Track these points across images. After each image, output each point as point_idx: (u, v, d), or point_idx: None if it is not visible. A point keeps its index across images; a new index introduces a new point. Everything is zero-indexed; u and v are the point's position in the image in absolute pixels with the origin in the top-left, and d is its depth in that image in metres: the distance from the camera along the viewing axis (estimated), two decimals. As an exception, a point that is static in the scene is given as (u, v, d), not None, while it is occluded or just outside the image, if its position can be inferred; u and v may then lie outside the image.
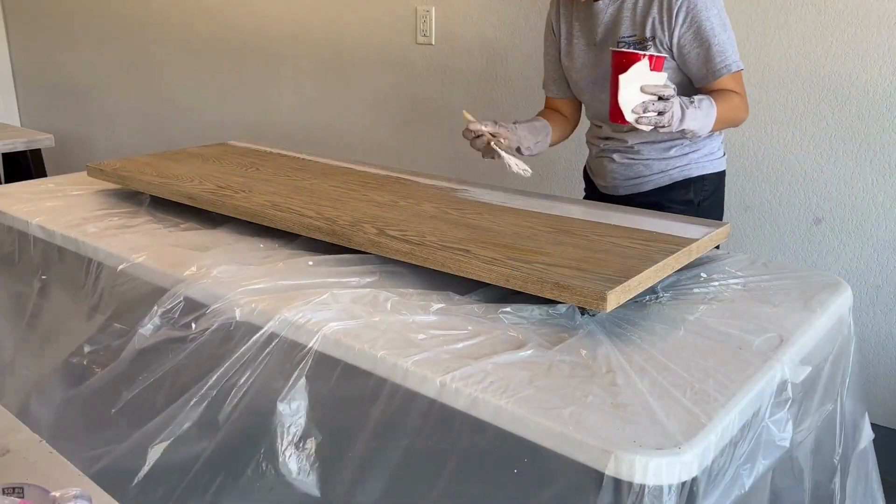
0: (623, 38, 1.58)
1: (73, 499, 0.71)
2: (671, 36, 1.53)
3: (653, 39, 1.55)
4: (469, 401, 0.94)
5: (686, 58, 1.55)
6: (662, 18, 1.53)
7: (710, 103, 1.47)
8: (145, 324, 1.28)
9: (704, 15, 1.51)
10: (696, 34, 1.52)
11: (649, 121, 1.40)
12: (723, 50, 1.53)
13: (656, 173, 1.69)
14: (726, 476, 0.93)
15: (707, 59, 1.53)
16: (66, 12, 4.11)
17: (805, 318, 1.18)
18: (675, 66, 1.57)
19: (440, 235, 1.32)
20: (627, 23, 1.58)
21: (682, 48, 1.54)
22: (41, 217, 1.65)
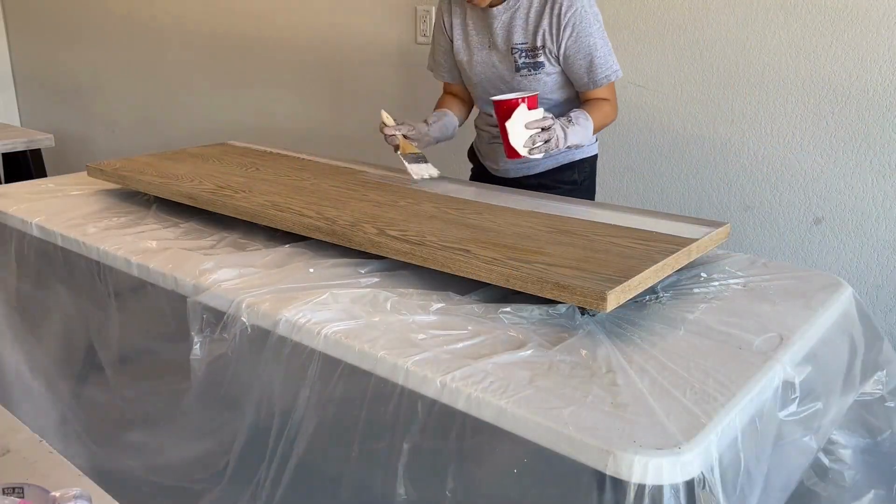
0: (516, 46, 1.72)
1: (73, 499, 0.71)
2: (559, 46, 1.68)
3: (542, 48, 1.69)
4: (469, 401, 0.94)
5: (571, 67, 1.71)
6: (552, 31, 1.67)
7: (585, 117, 1.65)
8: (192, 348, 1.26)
9: (588, 31, 1.67)
10: (581, 47, 1.68)
11: (540, 150, 1.55)
12: (604, 62, 1.71)
13: (545, 158, 1.82)
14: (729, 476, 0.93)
15: (590, 69, 1.70)
16: (66, 12, 4.11)
17: (805, 318, 1.18)
18: (560, 70, 1.74)
19: (440, 235, 1.32)
20: (520, 31, 1.71)
21: (568, 58, 1.70)
22: (41, 217, 1.65)
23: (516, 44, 1.71)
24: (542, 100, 1.73)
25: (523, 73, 1.73)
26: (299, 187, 1.65)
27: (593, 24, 1.68)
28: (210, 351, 1.24)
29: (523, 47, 1.71)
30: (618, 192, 2.46)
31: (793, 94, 2.08)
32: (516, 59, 1.72)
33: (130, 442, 1.40)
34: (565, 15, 1.65)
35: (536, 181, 1.87)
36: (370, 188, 1.65)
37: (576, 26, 1.66)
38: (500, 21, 1.72)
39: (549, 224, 1.40)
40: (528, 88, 1.72)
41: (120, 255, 1.44)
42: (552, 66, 1.72)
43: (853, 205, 2.07)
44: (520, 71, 1.73)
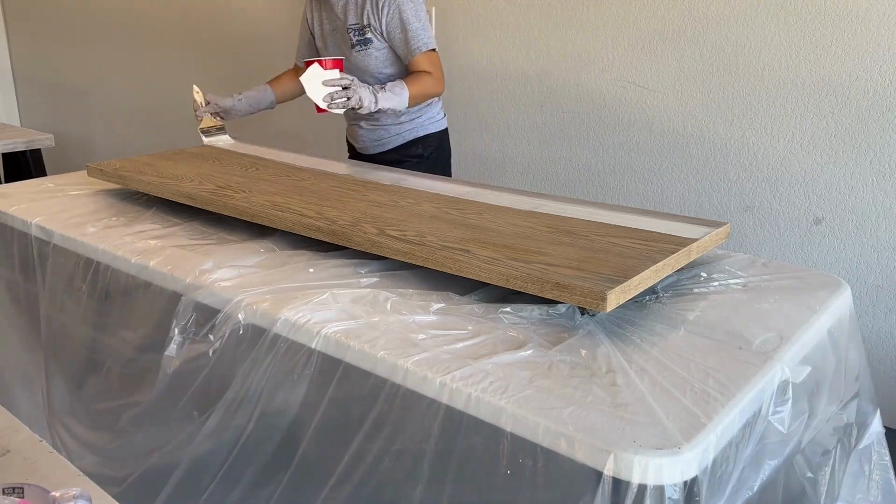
0: (351, 26, 2.04)
1: (73, 499, 0.71)
2: (380, 23, 1.99)
3: (369, 26, 2.01)
4: (469, 401, 0.94)
5: (392, 40, 2.01)
6: (374, 10, 1.99)
7: (401, 86, 1.92)
8: (168, 345, 1.27)
9: (403, 8, 1.97)
10: (398, 22, 1.98)
11: (339, 105, 1.82)
12: (416, 35, 1.99)
13: (393, 135, 2.16)
14: (731, 477, 0.93)
15: (406, 41, 1.99)
16: (66, 12, 4.11)
17: (805, 318, 1.18)
18: (388, 46, 2.03)
19: (440, 235, 1.32)
20: (353, 13, 2.03)
21: (389, 32, 2.00)
22: (41, 217, 1.65)
23: (350, 24, 2.04)
24: (377, 74, 2.05)
25: (357, 50, 2.03)
26: (299, 187, 1.65)
27: (408, 3, 1.98)
28: (188, 350, 1.24)
29: (355, 27, 2.03)
30: (618, 192, 2.46)
31: (793, 94, 2.08)
32: (351, 38, 2.04)
33: (130, 442, 1.40)
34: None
35: (389, 157, 2.17)
36: (370, 188, 1.65)
37: (391, 4, 1.97)
38: (339, 6, 2.05)
39: (549, 224, 1.40)
40: (362, 64, 2.04)
41: (119, 254, 1.44)
42: (380, 42, 2.02)
43: (853, 205, 2.07)
44: (354, 48, 2.04)
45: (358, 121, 2.21)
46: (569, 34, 2.42)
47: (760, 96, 2.12)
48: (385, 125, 2.16)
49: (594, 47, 2.38)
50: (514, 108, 2.61)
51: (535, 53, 2.51)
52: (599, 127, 2.44)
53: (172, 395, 1.28)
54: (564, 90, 2.48)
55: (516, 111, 2.61)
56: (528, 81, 2.55)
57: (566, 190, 2.54)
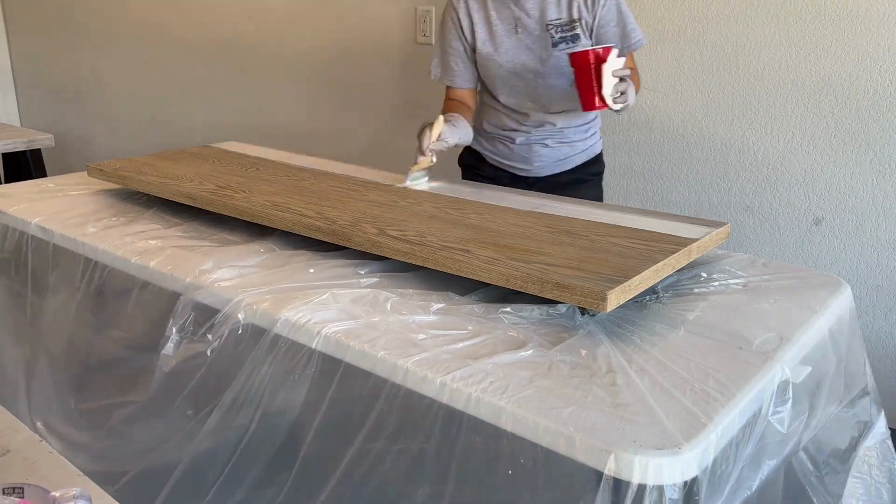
0: (551, 22, 1.74)
1: (73, 499, 0.71)
2: (594, 16, 1.74)
3: (579, 21, 1.74)
4: (469, 401, 0.94)
5: (604, 36, 1.75)
6: (586, 2, 1.73)
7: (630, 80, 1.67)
8: (165, 344, 1.27)
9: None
10: (615, 14, 1.74)
11: (621, 100, 1.58)
12: (634, 28, 1.76)
13: (579, 152, 1.90)
14: (731, 477, 0.93)
15: (623, 35, 1.76)
16: (66, 12, 4.11)
17: (805, 318, 1.18)
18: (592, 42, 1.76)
19: (440, 235, 1.32)
20: (553, 7, 1.74)
21: (602, 27, 1.75)
22: (41, 217, 1.64)
23: (551, 20, 1.74)
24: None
25: (561, 48, 1.74)
26: (299, 187, 1.65)
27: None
28: (185, 350, 1.24)
29: (558, 22, 1.74)
30: (618, 192, 2.46)
31: (793, 94, 2.08)
32: (553, 35, 1.74)
33: (130, 441, 1.40)
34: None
35: (570, 176, 1.90)
36: (370, 188, 1.65)
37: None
38: (532, 2, 1.74)
39: (549, 224, 1.40)
40: (564, 63, 1.73)
41: (119, 254, 1.44)
42: (587, 39, 1.75)
43: (853, 205, 2.07)
44: (557, 46, 1.74)
45: (542, 139, 1.88)
46: (569, 34, 2.42)
47: (760, 96, 2.12)
48: (572, 141, 1.88)
49: (594, 47, 2.38)
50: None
51: (535, 53, 2.51)
52: (599, 127, 2.44)
53: (169, 394, 1.28)
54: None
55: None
56: (528, 81, 2.55)
57: (566, 190, 2.54)
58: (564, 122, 1.85)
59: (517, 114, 1.87)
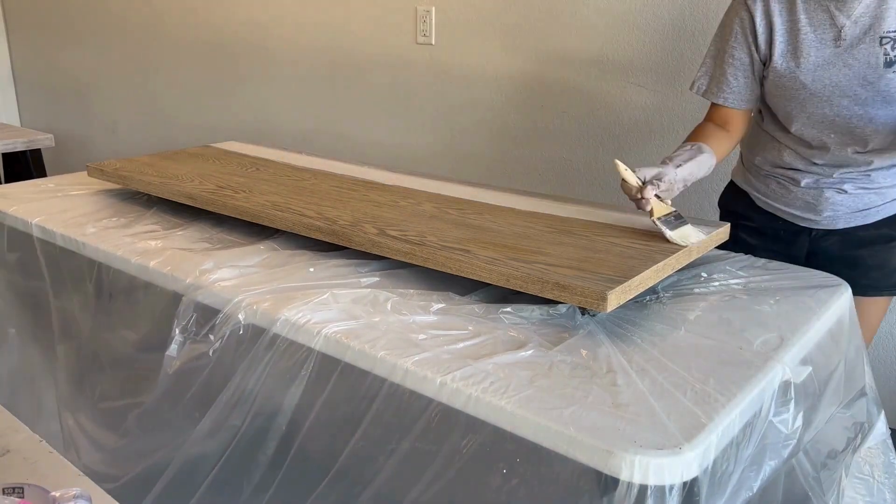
0: (889, 34, 1.34)
1: (73, 499, 0.71)
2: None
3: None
4: (469, 401, 0.94)
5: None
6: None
7: None
8: (169, 345, 1.27)
9: None
10: None
11: None
12: None
13: (889, 201, 1.49)
14: (731, 478, 0.93)
15: None
16: (66, 12, 4.11)
17: (805, 318, 1.18)
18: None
19: (440, 235, 1.32)
20: (894, 14, 1.33)
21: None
22: (41, 217, 1.64)
23: (889, 31, 1.34)
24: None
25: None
26: (299, 187, 1.65)
27: None
28: (189, 351, 1.24)
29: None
30: (618, 192, 2.46)
31: (793, 95, 2.08)
32: (887, 52, 1.34)
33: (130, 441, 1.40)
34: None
35: (875, 232, 1.51)
36: (370, 188, 1.65)
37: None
38: (862, 5, 1.35)
39: (549, 224, 1.40)
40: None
41: (120, 255, 1.44)
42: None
43: (853, 205, 2.06)
44: (892, 66, 1.35)
45: (840, 182, 1.48)
46: (569, 34, 2.42)
47: (761, 96, 2.12)
48: (880, 187, 1.47)
49: (594, 47, 2.38)
50: (514, 108, 2.61)
51: (534, 53, 2.51)
52: (599, 127, 2.44)
53: (173, 394, 1.28)
54: (564, 90, 2.48)
55: (516, 111, 2.61)
56: (529, 82, 2.55)
57: (566, 190, 2.54)
58: (878, 162, 1.45)
59: (811, 149, 1.49)
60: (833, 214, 1.50)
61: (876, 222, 1.50)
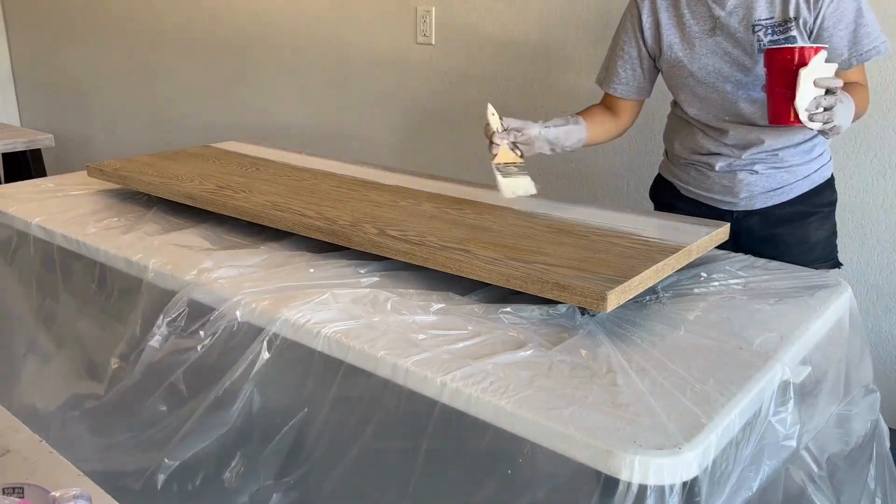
0: (760, 22, 1.44)
1: (73, 499, 0.71)
2: (817, 15, 1.40)
3: (795, 20, 1.41)
4: (469, 401, 0.94)
5: (828, 39, 1.41)
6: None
7: (848, 98, 1.34)
8: (153, 335, 1.27)
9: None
10: (844, 14, 1.40)
11: (821, 119, 1.28)
12: (870, 31, 1.41)
13: (800, 179, 1.55)
14: (731, 477, 0.93)
15: (854, 41, 1.41)
16: (66, 12, 4.11)
17: (805, 318, 1.18)
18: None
19: (440, 235, 1.32)
20: (763, 4, 1.43)
21: (826, 29, 1.40)
22: (41, 217, 1.65)
23: (760, 19, 1.43)
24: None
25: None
26: (299, 187, 1.65)
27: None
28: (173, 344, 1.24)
29: (769, 22, 1.43)
30: (618, 192, 2.46)
31: (793, 95, 2.08)
32: (760, 38, 1.44)
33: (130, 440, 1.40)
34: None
35: (791, 209, 1.56)
36: (370, 188, 1.65)
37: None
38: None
39: (549, 224, 1.40)
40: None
41: (120, 254, 1.44)
42: (804, 42, 1.41)
43: (853, 205, 2.06)
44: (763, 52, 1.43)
45: (750, 164, 1.55)
46: (569, 34, 2.42)
47: (760, 96, 2.12)
48: (791, 165, 1.53)
49: (594, 48, 2.38)
50: (514, 108, 2.61)
51: (535, 54, 2.51)
52: (599, 127, 2.44)
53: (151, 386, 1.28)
54: (564, 91, 2.48)
55: (516, 112, 2.60)
56: (529, 82, 2.55)
57: (566, 190, 2.54)
58: (778, 140, 1.52)
59: (714, 130, 1.57)
60: (749, 195, 1.57)
61: (791, 200, 1.56)
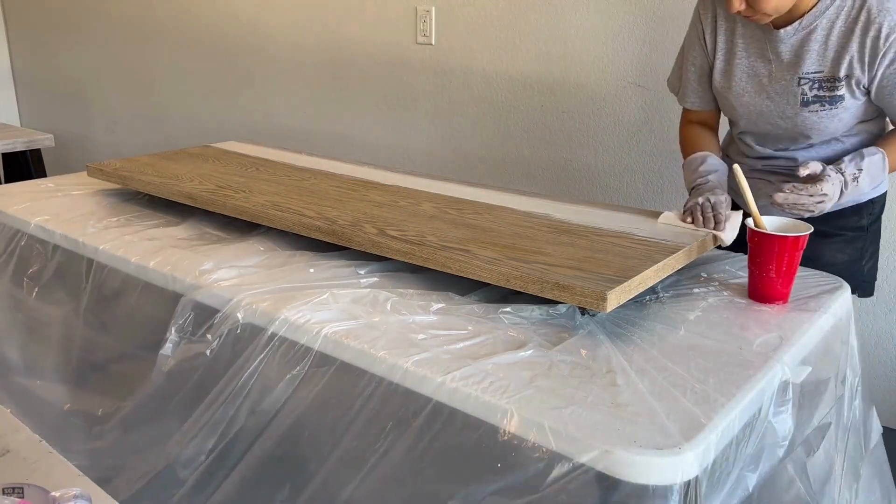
0: (807, 75, 1.39)
1: (73, 499, 0.71)
2: (873, 76, 1.34)
3: (847, 79, 1.36)
4: (469, 401, 0.94)
5: (886, 98, 1.36)
6: (864, 55, 1.33)
7: (882, 162, 1.35)
8: (164, 344, 1.27)
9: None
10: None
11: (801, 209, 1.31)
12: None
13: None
14: (730, 477, 0.93)
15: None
16: (65, 12, 4.11)
17: (805, 318, 1.18)
18: (865, 101, 1.39)
19: (440, 235, 1.32)
20: (814, 57, 1.37)
21: (884, 88, 1.35)
22: (41, 217, 1.65)
23: (807, 73, 1.38)
24: (834, 141, 1.45)
25: (813, 109, 1.40)
26: (299, 187, 1.65)
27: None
28: (184, 350, 1.24)
29: (817, 77, 1.38)
30: (618, 192, 2.46)
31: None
32: (805, 92, 1.39)
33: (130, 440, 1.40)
34: (888, 38, 1.30)
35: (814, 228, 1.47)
36: (370, 188, 1.65)
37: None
38: (788, 44, 1.39)
39: (549, 224, 1.40)
40: (816, 126, 1.41)
41: (119, 255, 1.44)
42: (855, 100, 1.38)
43: (853, 205, 2.06)
44: (808, 106, 1.40)
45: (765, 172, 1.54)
46: (568, 34, 2.42)
47: (760, 96, 2.12)
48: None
49: (594, 47, 2.38)
50: (514, 108, 2.61)
51: (535, 53, 2.51)
52: (599, 127, 2.44)
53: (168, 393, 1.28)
54: (564, 90, 2.48)
55: (516, 111, 2.61)
56: (528, 82, 2.55)
57: (566, 190, 2.54)
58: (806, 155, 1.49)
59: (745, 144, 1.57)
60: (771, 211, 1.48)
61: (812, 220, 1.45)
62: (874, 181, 1.37)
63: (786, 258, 1.20)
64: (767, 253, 1.21)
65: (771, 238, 1.20)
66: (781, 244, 1.20)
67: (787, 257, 1.20)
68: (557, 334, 1.10)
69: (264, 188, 1.64)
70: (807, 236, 1.21)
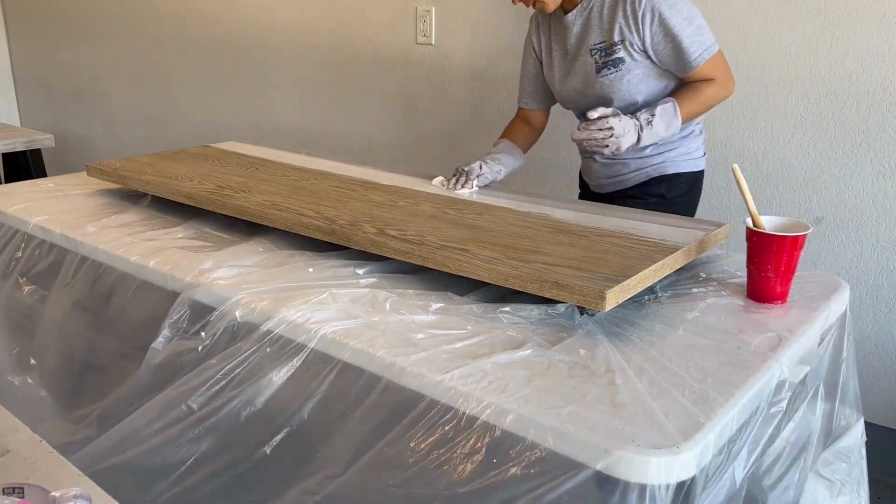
0: (594, 46, 1.67)
1: (73, 499, 0.71)
2: (642, 37, 1.61)
3: (622, 43, 1.63)
4: (468, 400, 0.95)
5: (660, 56, 1.62)
6: (629, 22, 1.60)
7: (673, 109, 1.59)
8: (157, 338, 1.27)
9: (668, 13, 1.57)
10: (665, 33, 1.59)
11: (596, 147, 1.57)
12: (692, 42, 1.59)
13: (633, 171, 1.78)
14: (728, 476, 0.93)
15: (679, 54, 1.60)
16: (66, 12, 4.11)
17: (804, 318, 1.18)
18: (650, 61, 1.64)
19: (439, 235, 1.32)
20: (596, 31, 1.67)
21: (655, 46, 1.61)
22: (41, 217, 1.65)
23: (594, 44, 1.67)
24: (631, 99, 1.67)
25: (604, 74, 1.66)
26: (299, 187, 1.65)
27: (674, 4, 1.58)
28: (176, 346, 1.24)
29: (601, 46, 1.66)
30: (617, 192, 2.46)
31: (793, 94, 2.08)
32: (596, 60, 1.67)
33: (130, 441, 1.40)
34: (640, 3, 1.58)
35: (625, 194, 1.81)
36: (370, 188, 1.65)
37: (654, 10, 1.57)
38: (576, 26, 1.70)
39: (548, 224, 1.40)
40: (612, 88, 1.66)
41: (119, 254, 1.44)
42: (635, 61, 1.63)
43: (853, 205, 2.06)
44: (600, 72, 1.67)
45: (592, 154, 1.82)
46: (568, 34, 2.42)
47: (760, 96, 2.12)
48: (625, 159, 1.77)
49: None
50: (513, 108, 2.61)
51: (534, 53, 2.51)
52: (599, 127, 2.44)
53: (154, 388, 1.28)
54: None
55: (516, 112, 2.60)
56: (528, 81, 2.55)
57: (566, 190, 2.54)
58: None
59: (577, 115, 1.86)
60: (599, 181, 1.86)
61: (625, 188, 1.81)
62: (669, 126, 1.60)
63: (784, 258, 1.20)
64: (766, 253, 1.21)
65: (769, 238, 1.21)
66: (780, 244, 1.20)
67: (785, 257, 1.20)
68: (556, 334, 1.10)
69: (264, 188, 1.64)
70: (806, 236, 1.21)
